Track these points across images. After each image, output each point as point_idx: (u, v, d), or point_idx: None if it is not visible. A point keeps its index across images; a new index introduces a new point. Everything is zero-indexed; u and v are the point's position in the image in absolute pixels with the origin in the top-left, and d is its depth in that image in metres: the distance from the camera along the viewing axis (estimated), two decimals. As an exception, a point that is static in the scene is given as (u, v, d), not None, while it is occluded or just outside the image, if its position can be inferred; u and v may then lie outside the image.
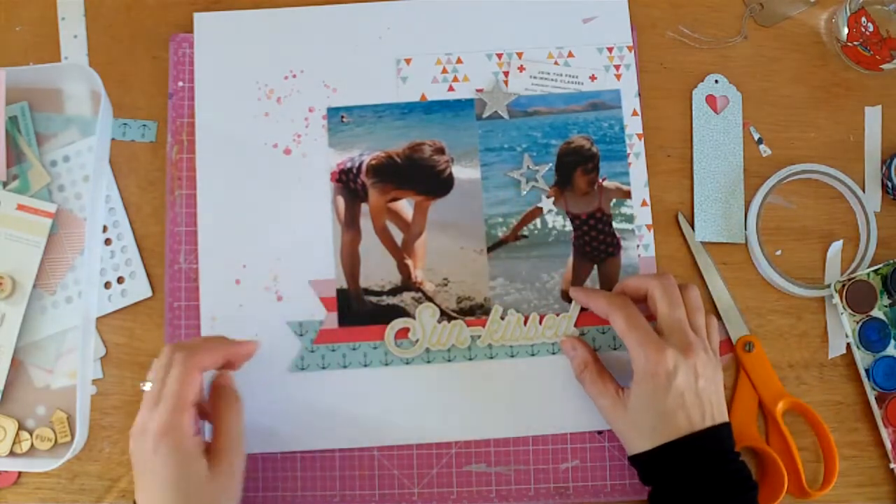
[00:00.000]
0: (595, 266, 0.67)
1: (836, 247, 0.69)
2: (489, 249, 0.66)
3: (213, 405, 0.57)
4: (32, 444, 0.63)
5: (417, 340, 0.65)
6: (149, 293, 0.66)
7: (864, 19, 0.70)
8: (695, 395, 0.57)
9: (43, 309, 0.65)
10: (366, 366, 0.65)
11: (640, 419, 0.58)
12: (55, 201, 0.66)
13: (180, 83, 0.68)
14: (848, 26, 0.70)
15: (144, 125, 0.68)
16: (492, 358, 0.65)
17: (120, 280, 0.66)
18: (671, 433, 0.57)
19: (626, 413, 0.58)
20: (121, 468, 0.64)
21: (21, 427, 0.63)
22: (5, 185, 0.65)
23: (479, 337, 0.65)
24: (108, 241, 0.66)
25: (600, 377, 0.61)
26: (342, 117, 0.68)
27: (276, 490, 0.63)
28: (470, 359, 0.65)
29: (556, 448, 0.64)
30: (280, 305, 0.65)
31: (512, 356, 0.65)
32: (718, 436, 0.57)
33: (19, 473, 0.63)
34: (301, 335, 0.65)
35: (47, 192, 0.66)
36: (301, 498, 0.63)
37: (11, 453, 0.63)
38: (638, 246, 0.67)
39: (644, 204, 0.67)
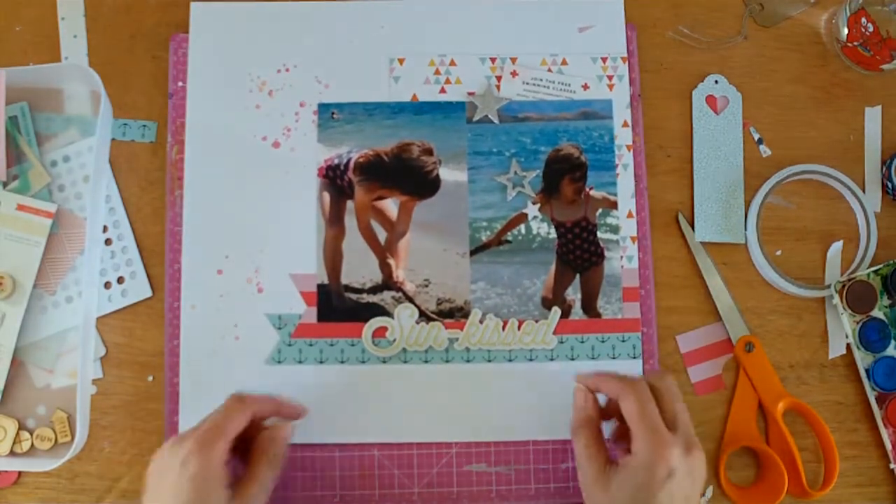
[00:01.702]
0: (577, 275, 0.67)
1: (836, 247, 0.69)
2: (472, 253, 0.66)
3: (255, 450, 0.57)
4: (33, 444, 0.63)
5: (395, 340, 0.65)
6: (149, 293, 0.66)
7: (864, 19, 0.70)
8: (684, 499, 0.53)
9: (43, 309, 0.65)
10: (342, 362, 0.65)
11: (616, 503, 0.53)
12: (55, 201, 0.66)
13: (180, 83, 0.68)
14: (848, 26, 0.70)
15: (144, 125, 0.68)
16: (468, 362, 0.65)
17: (120, 280, 0.66)
18: None
19: (606, 491, 0.54)
20: (121, 468, 0.64)
21: (21, 427, 0.63)
22: (5, 185, 0.65)
23: (456, 340, 0.65)
24: (108, 241, 0.67)
25: (595, 442, 0.57)
26: (332, 113, 0.68)
27: (275, 490, 0.63)
28: (447, 361, 0.65)
29: (556, 448, 0.64)
30: (260, 297, 0.65)
31: (489, 361, 0.65)
32: None
33: (19, 473, 0.63)
34: (279, 328, 0.65)
35: (47, 192, 0.66)
36: (301, 498, 0.63)
37: (12, 453, 0.63)
38: (622, 257, 0.67)
39: (630, 215, 0.67)
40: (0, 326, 0.63)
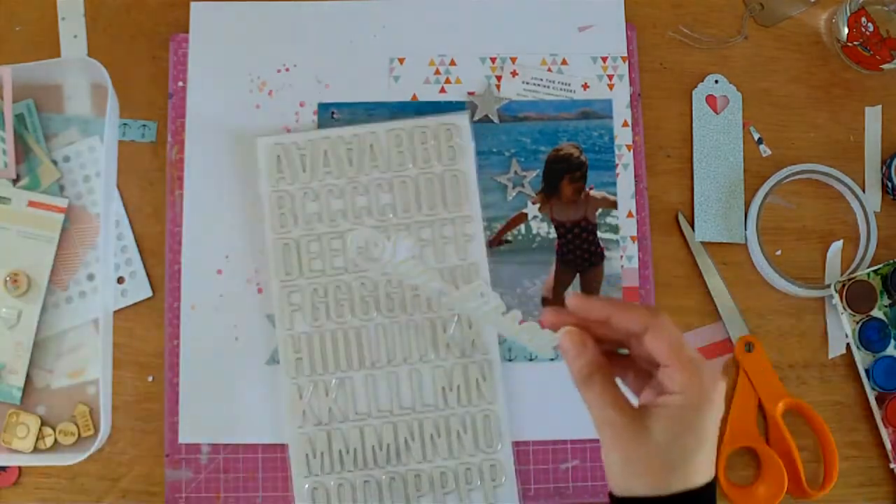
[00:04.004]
0: (577, 275, 0.66)
1: (836, 247, 0.69)
2: (472, 252, 0.67)
3: None
4: (56, 440, 0.63)
5: None
6: (149, 293, 0.66)
7: (864, 19, 0.70)
8: (713, 436, 0.46)
9: (56, 305, 0.65)
10: None
11: (664, 450, 0.45)
12: (66, 196, 0.66)
13: (180, 83, 0.68)
14: (848, 26, 0.70)
15: (144, 125, 0.68)
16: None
17: (120, 280, 0.66)
18: (692, 479, 0.45)
19: (645, 438, 0.45)
20: (121, 468, 0.64)
21: (44, 423, 0.63)
22: (15, 182, 0.65)
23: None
24: (108, 241, 0.67)
25: (614, 387, 0.47)
26: (332, 113, 0.68)
27: (275, 490, 0.63)
28: None
29: (556, 448, 0.64)
30: (260, 297, 0.65)
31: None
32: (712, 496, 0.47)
33: (19, 473, 0.63)
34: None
35: (58, 187, 0.66)
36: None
37: (35, 449, 0.63)
38: (622, 257, 0.67)
39: (630, 215, 0.67)
40: (17, 324, 0.63)
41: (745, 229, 0.68)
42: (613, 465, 0.47)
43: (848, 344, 0.67)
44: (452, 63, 0.69)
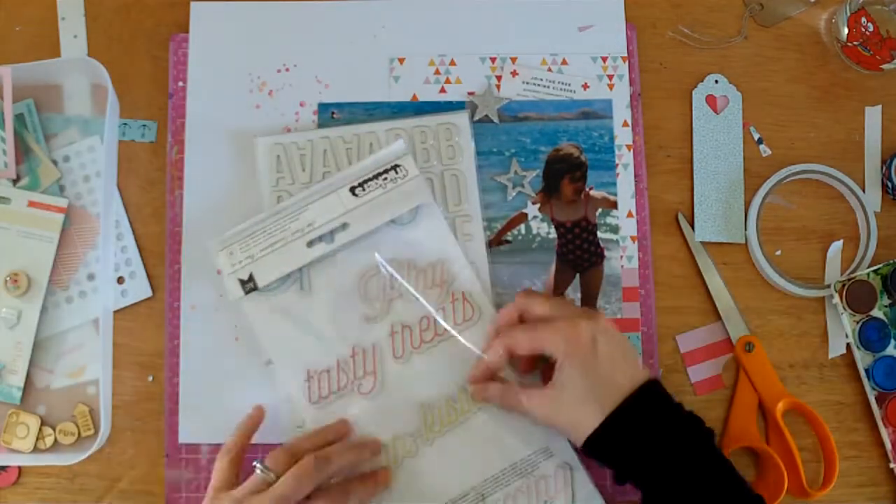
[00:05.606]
0: (577, 275, 0.66)
1: (836, 247, 0.69)
2: (472, 252, 0.67)
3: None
4: (56, 440, 0.63)
5: None
6: (149, 293, 0.66)
7: (864, 19, 0.70)
8: (622, 353, 0.57)
9: (56, 305, 0.65)
10: None
11: (580, 394, 0.55)
12: (66, 196, 0.66)
13: (180, 83, 0.68)
14: (848, 26, 0.70)
15: (144, 125, 0.68)
16: None
17: (120, 280, 0.66)
18: (617, 394, 0.55)
19: (562, 395, 0.56)
20: (121, 468, 0.64)
21: (44, 423, 0.63)
22: (15, 182, 0.65)
23: None
24: (108, 241, 0.67)
25: (507, 383, 0.60)
26: (332, 113, 0.68)
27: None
28: None
29: (556, 448, 0.64)
30: None
31: None
32: (658, 388, 0.56)
33: (19, 473, 0.63)
34: None
35: (58, 187, 0.66)
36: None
37: (35, 449, 0.63)
38: (621, 257, 0.67)
39: (630, 215, 0.67)
40: (17, 324, 0.64)
41: (745, 229, 0.68)
42: (561, 427, 0.57)
43: (848, 344, 0.67)
44: (452, 63, 0.69)
